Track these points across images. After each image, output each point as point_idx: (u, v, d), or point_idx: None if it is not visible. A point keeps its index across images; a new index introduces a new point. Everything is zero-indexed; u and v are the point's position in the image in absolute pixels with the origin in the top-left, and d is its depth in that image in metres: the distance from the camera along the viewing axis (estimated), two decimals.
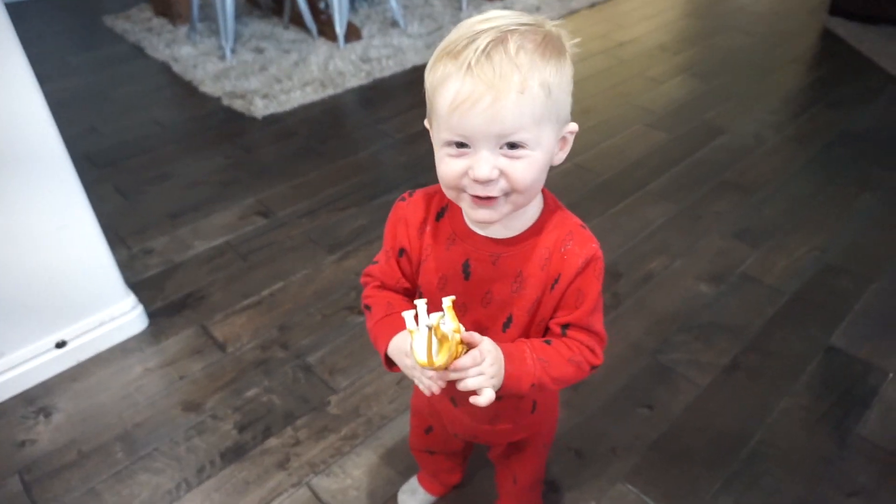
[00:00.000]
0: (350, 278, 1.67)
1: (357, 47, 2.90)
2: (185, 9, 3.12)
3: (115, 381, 1.41)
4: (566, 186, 2.01)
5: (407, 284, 0.77)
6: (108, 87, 2.72)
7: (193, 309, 1.59)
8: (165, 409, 1.34)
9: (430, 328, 0.59)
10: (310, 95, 2.56)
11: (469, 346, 0.64)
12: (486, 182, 0.60)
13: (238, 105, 2.51)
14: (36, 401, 1.36)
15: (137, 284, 1.64)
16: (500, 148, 0.60)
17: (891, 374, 1.36)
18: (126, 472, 1.22)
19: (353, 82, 2.65)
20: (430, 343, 0.60)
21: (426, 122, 0.67)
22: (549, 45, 0.59)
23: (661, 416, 1.30)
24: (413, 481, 1.16)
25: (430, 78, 0.61)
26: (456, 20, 3.18)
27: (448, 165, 0.62)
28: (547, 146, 0.62)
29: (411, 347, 0.61)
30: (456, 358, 0.62)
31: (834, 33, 3.06)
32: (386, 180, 2.06)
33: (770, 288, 1.60)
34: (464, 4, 3.29)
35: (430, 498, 1.15)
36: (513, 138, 0.59)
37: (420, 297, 0.76)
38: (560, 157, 0.66)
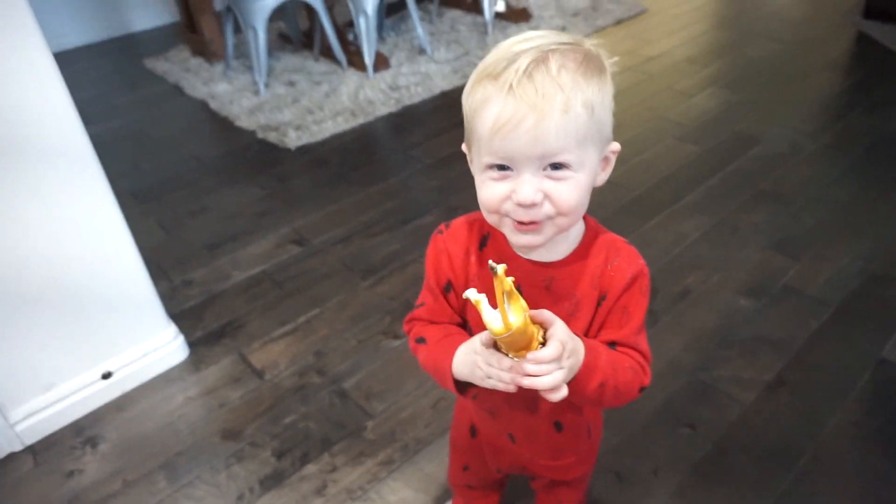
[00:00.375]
0: (384, 303, 1.68)
1: (386, 76, 2.96)
2: (220, 48, 3.24)
3: (159, 410, 1.44)
4: (599, 203, 1.98)
5: (459, 320, 0.74)
6: (150, 127, 2.84)
7: (232, 337, 1.62)
8: (206, 437, 1.37)
9: (497, 275, 0.53)
10: (341, 125, 2.61)
11: (540, 325, 0.59)
12: (530, 206, 0.59)
13: (272, 137, 2.58)
14: (84, 431, 1.41)
15: (178, 315, 1.69)
16: (544, 170, 0.59)
17: None
18: (168, 501, 1.24)
19: (383, 110, 2.69)
20: (501, 298, 0.54)
21: (464, 147, 0.66)
22: (591, 64, 0.59)
23: (704, 435, 1.26)
24: None
25: (469, 101, 0.61)
26: (482, 45, 3.22)
27: (490, 189, 0.61)
28: (590, 167, 0.61)
29: (484, 321, 0.56)
30: (531, 342, 0.57)
31: (869, 36, 2.99)
32: (417, 205, 2.08)
33: (813, 299, 1.55)
34: (489, 29, 3.34)
35: None
36: (556, 159, 0.58)
37: (469, 333, 0.73)
38: (603, 177, 0.64)
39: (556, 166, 0.58)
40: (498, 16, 3.51)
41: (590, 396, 0.64)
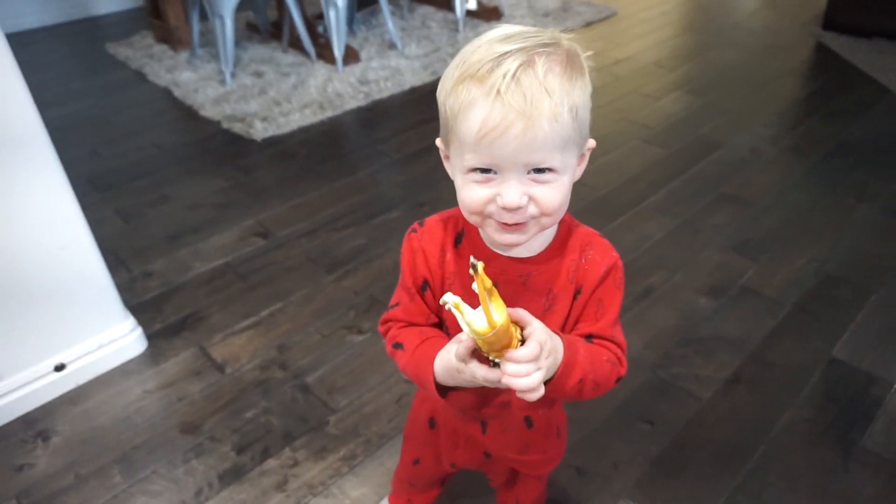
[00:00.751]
0: (349, 297, 1.67)
1: (356, 69, 2.93)
2: (186, 35, 3.17)
3: (114, 403, 1.40)
4: None
5: (436, 320, 0.74)
6: (110, 113, 2.75)
7: (192, 330, 1.59)
8: (164, 431, 1.34)
9: (478, 272, 0.53)
10: (309, 117, 2.58)
11: (518, 324, 0.59)
12: (515, 209, 0.59)
13: (238, 128, 2.54)
14: (35, 424, 1.36)
15: (137, 307, 1.64)
16: (528, 174, 0.59)
17: (895, 386, 1.35)
18: (123, 496, 1.21)
19: (352, 104, 2.67)
20: (483, 296, 0.54)
21: (439, 142, 0.66)
22: (574, 66, 0.58)
23: (662, 430, 1.28)
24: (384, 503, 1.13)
25: (450, 101, 0.59)
26: (453, 42, 3.22)
27: (474, 192, 0.60)
28: (572, 167, 0.62)
29: (465, 323, 0.55)
30: (511, 341, 0.56)
31: (827, 47, 3.09)
32: (385, 200, 2.07)
33: (770, 300, 1.60)
34: (460, 27, 3.34)
35: None
36: (542, 165, 0.58)
37: (447, 331, 0.73)
38: (579, 172, 0.65)
39: (541, 170, 0.59)
40: (469, 13, 3.52)
41: (569, 393, 0.64)
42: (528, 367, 0.56)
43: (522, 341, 0.58)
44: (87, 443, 1.32)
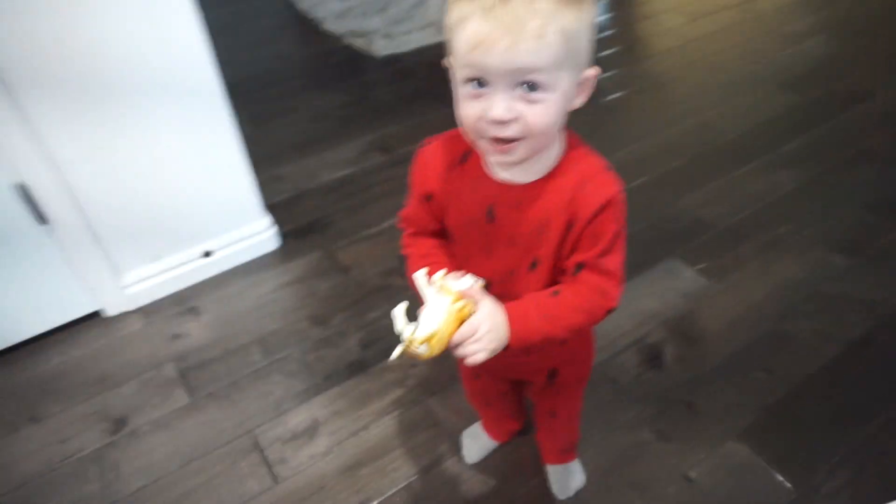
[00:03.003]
0: None
1: None
2: None
3: (253, 291, 1.54)
4: (687, 144, 1.95)
5: (437, 226, 0.80)
6: (238, 22, 2.85)
7: (320, 234, 1.69)
8: (296, 321, 1.46)
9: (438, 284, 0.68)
10: (429, 37, 2.58)
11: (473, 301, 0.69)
12: (501, 123, 0.61)
13: (359, 44, 2.57)
14: (185, 301, 1.52)
15: (269, 207, 1.75)
16: (518, 89, 0.60)
17: None
18: (263, 372, 1.35)
19: None
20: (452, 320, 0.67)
21: (445, 62, 0.68)
22: None
23: (780, 381, 1.27)
24: (476, 426, 1.19)
25: (449, 16, 0.62)
26: None
27: (467, 107, 0.63)
28: (564, 90, 0.62)
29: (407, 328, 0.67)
30: (466, 317, 0.67)
31: None
32: None
33: None
34: None
35: (493, 443, 1.18)
36: (529, 77, 0.59)
37: (451, 239, 0.79)
38: (578, 101, 0.66)
39: (531, 87, 0.60)
40: None
41: (539, 347, 0.72)
42: (466, 349, 0.67)
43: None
44: (230, 323, 1.46)
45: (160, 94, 1.30)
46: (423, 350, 0.65)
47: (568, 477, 1.12)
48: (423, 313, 0.66)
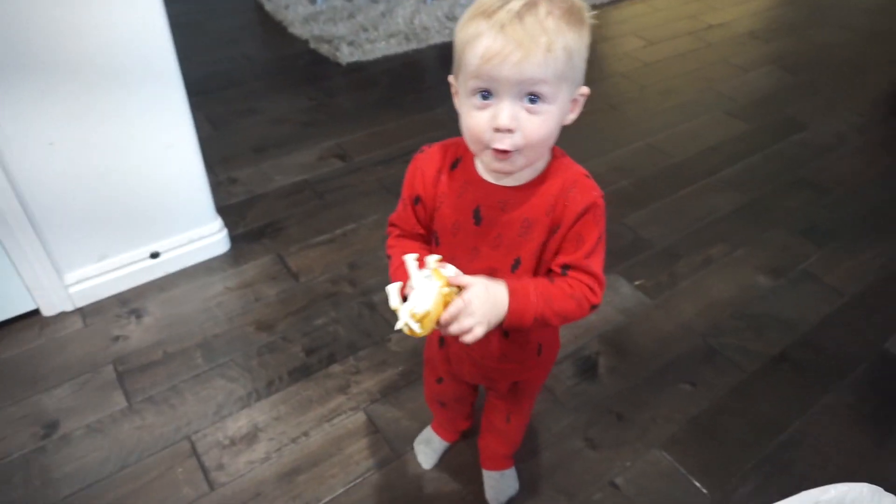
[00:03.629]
0: None
1: (444, 4, 2.92)
2: None
3: (199, 294, 1.54)
4: (636, 165, 2.03)
5: (421, 230, 0.84)
6: (204, 19, 2.84)
7: (271, 238, 1.71)
8: (241, 326, 1.47)
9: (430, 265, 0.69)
10: (393, 47, 2.61)
11: (460, 288, 0.71)
12: (506, 130, 0.66)
13: (324, 49, 2.59)
14: (129, 303, 1.51)
15: (222, 210, 1.76)
16: (522, 100, 0.66)
17: None
18: (205, 376, 1.36)
19: (437, 38, 2.68)
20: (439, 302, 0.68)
21: (451, 79, 0.73)
22: (574, 15, 0.65)
23: (703, 394, 1.35)
24: (427, 431, 1.24)
25: (461, 34, 0.67)
26: None
27: (474, 118, 0.68)
28: (562, 104, 0.68)
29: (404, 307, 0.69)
30: (450, 303, 0.70)
31: None
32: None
33: (830, 288, 1.61)
34: None
35: (444, 444, 1.23)
36: (534, 89, 0.65)
37: (436, 243, 0.83)
38: (571, 117, 0.72)
39: (533, 98, 0.66)
40: None
41: (531, 327, 0.74)
42: (456, 326, 0.69)
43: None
44: (173, 325, 1.47)
45: (114, 81, 1.28)
46: (416, 328, 0.68)
47: (504, 484, 1.16)
48: (413, 294, 0.69)
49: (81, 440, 1.23)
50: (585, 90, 0.72)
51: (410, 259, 0.71)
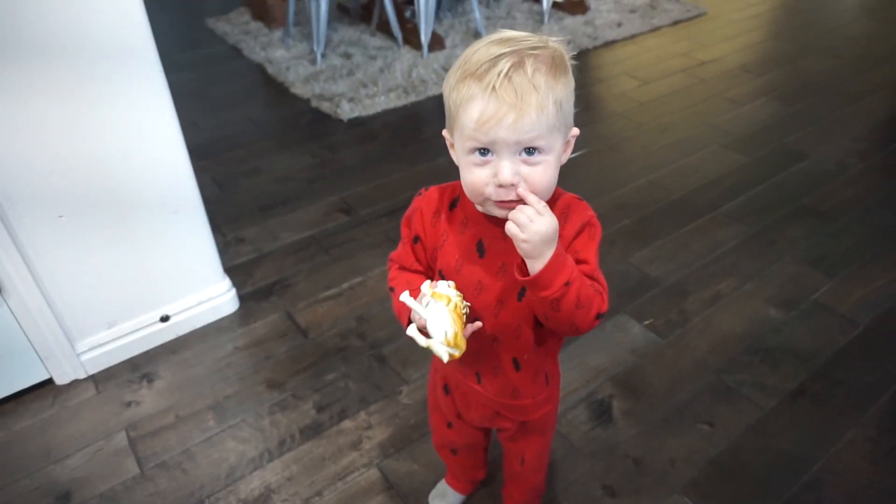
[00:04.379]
0: None
1: (440, 56, 3.01)
2: (281, 14, 3.32)
3: (209, 355, 1.55)
4: (637, 202, 2.04)
5: (420, 268, 0.86)
6: (209, 85, 2.94)
7: (279, 295, 1.72)
8: (252, 385, 1.47)
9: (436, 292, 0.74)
10: (393, 101, 2.68)
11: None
12: (509, 186, 0.68)
13: (325, 107, 2.66)
14: (140, 367, 1.52)
15: (230, 270, 1.79)
16: (520, 155, 0.68)
17: None
18: (216, 438, 1.35)
19: (435, 90, 2.75)
20: (455, 319, 0.72)
21: (445, 133, 0.76)
22: (558, 66, 0.68)
23: (721, 433, 1.32)
24: (441, 485, 1.21)
25: (454, 95, 0.69)
26: (537, 34, 3.24)
27: (474, 175, 0.70)
28: (557, 150, 0.71)
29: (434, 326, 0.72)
30: (461, 314, 0.73)
31: None
32: None
33: (843, 318, 1.59)
34: (545, 18, 3.35)
35: (460, 497, 1.20)
36: (531, 145, 0.67)
37: (442, 278, 0.83)
38: (565, 157, 0.75)
39: (531, 151, 0.68)
40: (555, 5, 3.52)
41: (554, 292, 0.69)
42: (527, 213, 0.67)
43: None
44: (184, 388, 1.47)
45: (123, 164, 1.33)
46: (455, 352, 0.72)
47: None
48: (430, 325, 0.72)
49: None
50: (576, 131, 0.74)
51: (407, 298, 0.73)
